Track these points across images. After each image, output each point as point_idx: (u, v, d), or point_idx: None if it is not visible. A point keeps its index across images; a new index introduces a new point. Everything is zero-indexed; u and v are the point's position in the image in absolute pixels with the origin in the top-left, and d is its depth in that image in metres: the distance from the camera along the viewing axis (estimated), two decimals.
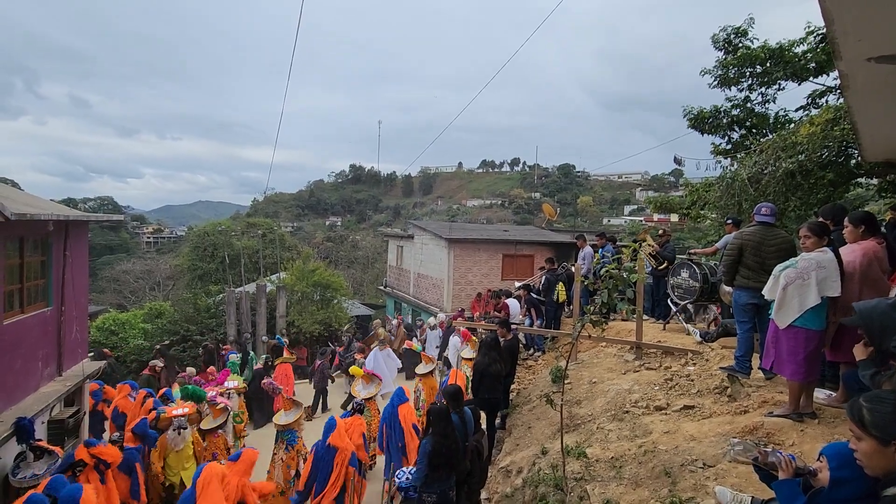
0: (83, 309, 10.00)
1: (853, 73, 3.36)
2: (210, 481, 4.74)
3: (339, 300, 19.74)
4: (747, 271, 4.57)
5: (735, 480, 3.33)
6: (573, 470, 4.34)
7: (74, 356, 9.38)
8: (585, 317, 4.08)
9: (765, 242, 4.51)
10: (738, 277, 4.65)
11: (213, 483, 4.76)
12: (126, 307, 27.25)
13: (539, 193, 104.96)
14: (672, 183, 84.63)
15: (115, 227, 63.77)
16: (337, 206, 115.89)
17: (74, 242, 9.04)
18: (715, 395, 4.97)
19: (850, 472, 1.93)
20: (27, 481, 5.82)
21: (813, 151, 8.24)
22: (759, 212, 4.71)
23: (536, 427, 6.28)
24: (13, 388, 7.24)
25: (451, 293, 18.82)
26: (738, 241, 4.69)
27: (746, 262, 4.57)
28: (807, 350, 3.70)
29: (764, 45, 10.60)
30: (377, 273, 38.78)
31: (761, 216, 4.66)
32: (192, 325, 16.90)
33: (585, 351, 8.08)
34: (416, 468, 4.76)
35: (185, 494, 4.89)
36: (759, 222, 4.67)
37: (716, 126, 11.74)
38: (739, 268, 4.63)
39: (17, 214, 6.21)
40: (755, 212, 4.77)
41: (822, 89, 10.54)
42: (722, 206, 9.89)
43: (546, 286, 9.69)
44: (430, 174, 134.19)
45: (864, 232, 3.90)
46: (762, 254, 4.49)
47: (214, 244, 30.85)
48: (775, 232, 4.58)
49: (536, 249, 19.75)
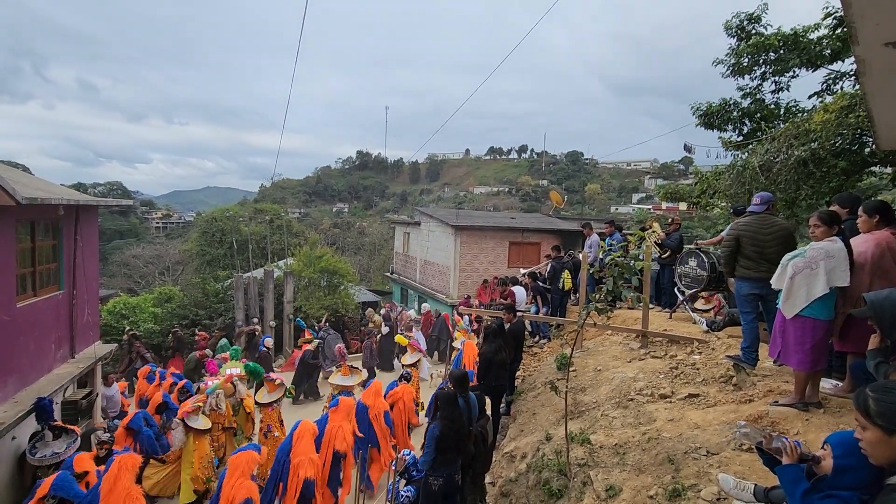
0: (94, 293, 10.14)
1: (870, 58, 3.29)
2: (303, 434, 5.55)
3: (345, 286, 19.83)
4: (747, 261, 4.55)
5: (738, 468, 3.35)
6: (577, 456, 4.38)
7: (86, 339, 9.55)
8: (591, 304, 4.08)
9: (761, 231, 4.49)
10: (738, 268, 4.63)
11: (306, 435, 5.57)
12: (136, 291, 27.52)
13: (547, 181, 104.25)
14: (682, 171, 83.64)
15: (124, 212, 64.34)
16: (344, 192, 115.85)
17: (85, 227, 9.14)
18: (720, 383, 4.97)
19: (854, 461, 1.93)
20: (48, 459, 5.96)
21: (826, 139, 8.10)
22: (752, 202, 4.74)
23: (541, 413, 6.32)
24: (27, 370, 7.38)
25: (458, 280, 18.86)
26: (735, 231, 4.68)
27: (745, 252, 4.55)
28: (814, 340, 3.69)
29: (778, 32, 10.37)
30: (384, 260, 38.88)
31: (753, 206, 4.70)
32: (201, 310, 17.06)
33: (591, 339, 8.09)
34: (424, 452, 4.83)
35: (283, 444, 5.65)
36: (750, 212, 4.70)
37: (726, 119, 11.57)
38: (739, 258, 4.62)
39: (29, 199, 6.28)
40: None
41: (838, 75, 10.33)
42: (732, 194, 9.78)
43: (552, 274, 9.68)
44: (437, 161, 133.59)
45: (879, 222, 3.84)
46: (760, 243, 4.47)
47: (223, 230, 31.02)
48: (771, 220, 4.56)
49: (543, 237, 19.71)
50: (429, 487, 4.75)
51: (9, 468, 6.36)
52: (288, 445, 5.59)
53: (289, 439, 5.69)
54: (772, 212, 4.72)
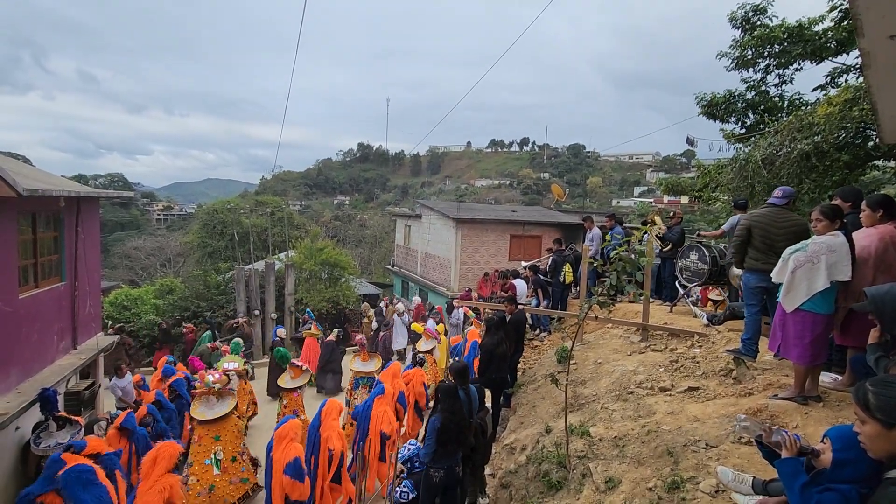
0: (96, 284, 10.17)
1: (875, 50, 3.26)
2: (331, 411, 5.85)
3: (346, 279, 19.86)
4: (756, 253, 4.52)
5: (737, 461, 3.37)
6: (576, 448, 4.41)
7: (88, 330, 9.58)
8: (592, 298, 4.08)
9: (774, 224, 4.44)
10: (748, 259, 4.60)
11: (332, 412, 5.88)
12: (138, 283, 27.60)
13: (548, 174, 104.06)
14: (684, 164, 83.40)
15: (125, 204, 64.35)
16: (345, 184, 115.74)
17: (86, 218, 9.14)
18: (720, 377, 4.98)
19: (853, 454, 1.94)
20: (52, 449, 5.99)
21: (830, 132, 8.06)
22: (773, 194, 4.68)
23: (541, 406, 6.35)
24: (30, 361, 7.42)
25: (459, 273, 18.87)
26: (747, 222, 4.64)
27: (755, 243, 4.52)
28: (814, 333, 3.69)
29: (783, 24, 10.30)
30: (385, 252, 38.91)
31: (773, 198, 4.63)
32: (203, 302, 17.12)
33: (591, 332, 8.11)
34: (425, 444, 4.85)
35: (312, 422, 5.96)
36: (769, 204, 4.65)
37: (730, 111, 11.52)
38: (748, 249, 4.58)
39: (29, 190, 6.27)
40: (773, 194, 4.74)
41: (842, 68, 10.27)
42: (734, 188, 9.75)
43: (553, 267, 9.68)
44: (438, 153, 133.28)
45: (882, 216, 3.82)
46: (771, 236, 4.43)
47: (224, 222, 31.01)
48: (786, 215, 4.49)
49: (544, 230, 19.68)
50: (430, 479, 4.78)
51: (13, 458, 6.42)
52: (317, 422, 5.92)
53: (317, 417, 5.96)
54: (791, 207, 4.66)
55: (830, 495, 1.93)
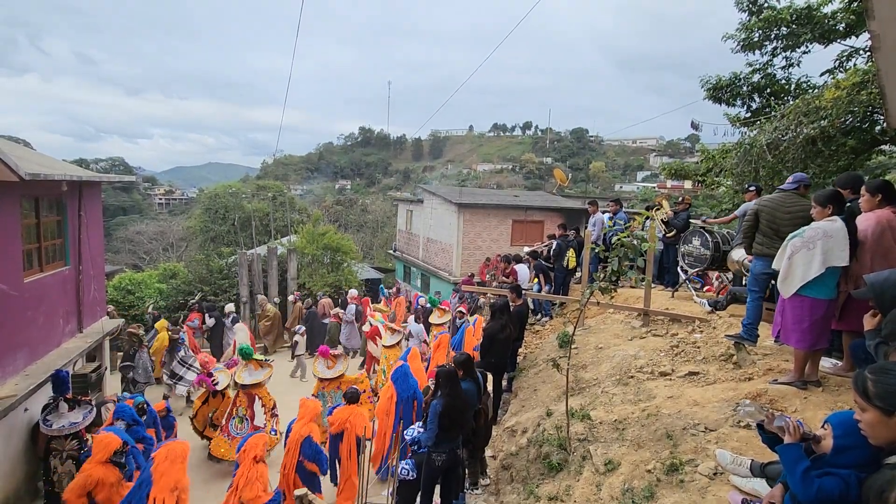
0: (100, 268, 10.22)
1: (885, 33, 3.21)
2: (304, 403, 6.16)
3: (348, 263, 19.90)
4: (762, 238, 4.51)
5: (735, 444, 3.41)
6: (577, 431, 4.47)
7: (94, 314, 9.66)
8: (594, 283, 4.09)
9: (780, 209, 4.41)
10: (755, 245, 4.59)
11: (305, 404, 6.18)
12: (141, 267, 27.69)
13: (551, 158, 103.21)
14: (688, 149, 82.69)
15: (127, 188, 64.26)
16: (346, 169, 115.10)
17: (88, 203, 9.15)
18: (720, 362, 5.01)
19: (854, 440, 1.96)
20: (66, 429, 6.09)
21: (837, 116, 7.96)
22: (787, 180, 4.68)
23: (542, 390, 6.41)
24: (37, 344, 7.51)
25: (460, 258, 18.88)
26: (756, 207, 4.64)
27: (762, 228, 4.51)
28: (812, 318, 3.69)
29: (791, 5, 10.09)
30: (387, 237, 38.84)
31: (785, 184, 4.63)
32: (206, 286, 17.20)
33: (592, 317, 8.14)
34: (427, 428, 4.90)
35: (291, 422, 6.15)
36: (780, 189, 4.63)
37: (735, 94, 11.36)
38: (756, 234, 4.58)
39: (32, 175, 6.27)
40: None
41: (851, 51, 10.09)
42: (738, 173, 9.67)
43: (557, 252, 9.68)
44: (440, 137, 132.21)
45: (882, 201, 3.80)
46: (777, 221, 4.41)
47: (226, 206, 31.00)
48: (794, 200, 4.44)
49: (547, 215, 19.62)
50: (432, 463, 4.85)
51: (22, 438, 6.53)
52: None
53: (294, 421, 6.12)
54: (801, 192, 4.61)
55: (831, 480, 1.95)
